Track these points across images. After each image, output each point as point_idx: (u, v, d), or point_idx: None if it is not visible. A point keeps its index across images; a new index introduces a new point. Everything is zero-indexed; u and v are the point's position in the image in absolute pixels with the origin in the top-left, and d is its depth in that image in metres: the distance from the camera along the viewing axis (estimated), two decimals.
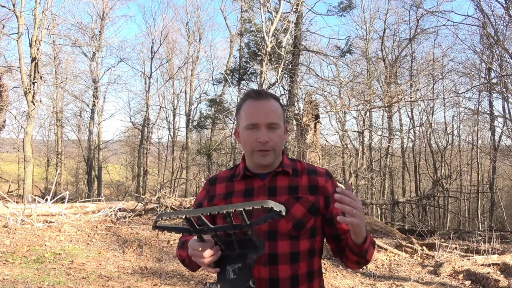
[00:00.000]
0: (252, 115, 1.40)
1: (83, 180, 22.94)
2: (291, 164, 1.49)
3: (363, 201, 12.37)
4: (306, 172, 1.48)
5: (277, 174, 1.45)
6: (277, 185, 1.43)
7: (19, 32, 13.15)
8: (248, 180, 1.46)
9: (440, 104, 18.08)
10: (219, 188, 1.50)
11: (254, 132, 1.40)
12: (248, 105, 1.43)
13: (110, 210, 9.75)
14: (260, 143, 1.39)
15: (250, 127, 1.41)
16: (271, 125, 1.40)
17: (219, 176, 1.55)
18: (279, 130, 1.42)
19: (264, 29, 11.90)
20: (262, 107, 1.41)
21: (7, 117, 14.75)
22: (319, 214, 1.41)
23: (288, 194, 1.41)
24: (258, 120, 1.39)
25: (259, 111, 1.40)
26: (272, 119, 1.40)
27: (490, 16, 11.56)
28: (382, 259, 6.92)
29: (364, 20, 19.17)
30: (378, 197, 16.95)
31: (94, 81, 20.40)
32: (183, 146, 22.84)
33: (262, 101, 1.42)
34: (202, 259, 1.24)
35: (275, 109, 1.43)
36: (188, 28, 23.75)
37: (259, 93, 1.44)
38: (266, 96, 1.44)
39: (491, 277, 5.60)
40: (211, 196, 1.51)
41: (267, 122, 1.39)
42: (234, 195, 1.45)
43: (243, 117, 1.44)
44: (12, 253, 6.24)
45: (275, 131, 1.40)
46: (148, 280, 5.44)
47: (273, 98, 1.45)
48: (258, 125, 1.40)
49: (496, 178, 16.88)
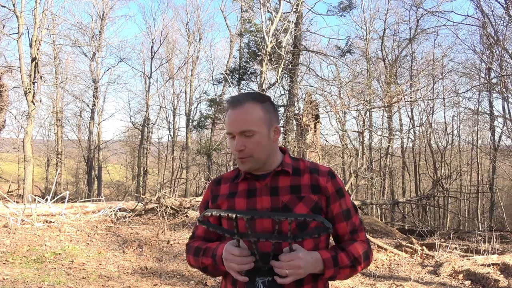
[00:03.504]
0: (228, 124, 1.43)
1: (83, 180, 22.95)
2: (292, 163, 1.49)
3: (363, 201, 12.37)
4: (309, 170, 1.47)
5: (278, 174, 1.45)
6: (279, 184, 1.43)
7: (19, 32, 13.16)
8: (250, 180, 1.47)
9: (440, 104, 18.11)
10: (223, 189, 1.51)
11: (232, 140, 1.44)
12: (227, 114, 1.45)
13: (110, 210, 9.76)
14: (236, 151, 1.42)
15: (229, 136, 1.45)
16: (244, 133, 1.40)
17: (223, 177, 1.56)
18: (256, 136, 1.40)
19: (264, 29, 11.90)
20: (234, 115, 1.41)
21: (7, 117, 14.79)
22: (322, 213, 1.41)
23: (290, 194, 1.41)
24: (232, 129, 1.41)
25: (232, 120, 1.41)
26: (243, 127, 1.39)
27: (490, 16, 11.57)
28: (382, 259, 6.92)
29: (364, 20, 19.21)
30: (378, 197, 16.94)
31: (94, 81, 20.41)
32: (183, 146, 22.84)
33: (236, 109, 1.41)
34: (235, 264, 1.27)
35: (249, 116, 1.40)
36: (188, 28, 23.78)
37: (235, 100, 1.43)
38: (240, 103, 1.41)
39: (491, 277, 5.60)
40: (215, 196, 1.52)
41: (239, 131, 1.40)
42: (237, 195, 1.46)
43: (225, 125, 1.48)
44: (12, 253, 6.24)
45: (250, 138, 1.40)
46: (148, 280, 5.44)
47: (250, 102, 1.42)
48: (232, 134, 1.43)
49: (496, 178, 16.88)
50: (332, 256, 1.35)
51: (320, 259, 1.32)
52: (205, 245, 1.47)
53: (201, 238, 1.54)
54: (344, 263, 1.36)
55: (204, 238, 1.53)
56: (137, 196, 13.88)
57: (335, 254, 1.37)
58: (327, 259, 1.34)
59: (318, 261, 1.32)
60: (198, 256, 1.46)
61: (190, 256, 1.51)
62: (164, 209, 9.09)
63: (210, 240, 1.51)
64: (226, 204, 1.46)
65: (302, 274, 1.28)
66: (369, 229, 9.94)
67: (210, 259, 1.41)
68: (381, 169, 16.40)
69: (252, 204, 1.42)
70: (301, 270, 1.26)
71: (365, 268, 1.44)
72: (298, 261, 1.26)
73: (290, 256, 1.26)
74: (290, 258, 1.26)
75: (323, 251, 1.37)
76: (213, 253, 1.40)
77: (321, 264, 1.32)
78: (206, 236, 1.53)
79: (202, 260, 1.45)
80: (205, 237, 1.53)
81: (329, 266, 1.34)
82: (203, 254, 1.44)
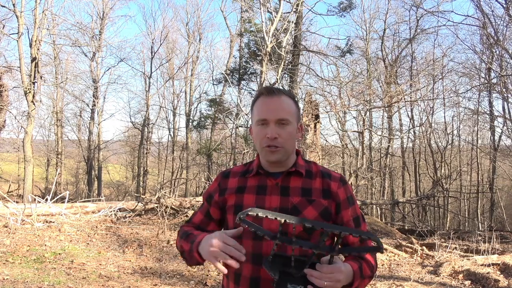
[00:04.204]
0: (262, 111, 1.41)
1: (83, 180, 22.95)
2: (305, 166, 1.48)
3: (363, 201, 12.37)
4: (321, 175, 1.46)
5: (290, 174, 1.44)
6: (290, 185, 1.42)
7: (19, 32, 13.16)
8: (261, 177, 1.45)
9: (440, 104, 18.11)
10: (232, 182, 1.49)
11: (263, 128, 1.41)
12: (259, 102, 1.44)
13: (110, 210, 9.76)
14: (268, 139, 1.38)
15: (260, 123, 1.42)
16: (281, 121, 1.39)
17: (232, 171, 1.54)
18: (290, 126, 1.41)
19: (264, 29, 11.90)
20: (272, 103, 1.41)
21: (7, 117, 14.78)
22: (330, 219, 1.40)
23: (301, 196, 1.40)
24: (267, 116, 1.40)
25: (269, 107, 1.40)
26: (281, 115, 1.40)
27: (490, 16, 11.58)
28: (382, 259, 6.93)
29: (364, 20, 19.22)
30: (378, 197, 16.94)
31: (94, 81, 20.41)
32: (183, 146, 22.84)
33: (273, 98, 1.42)
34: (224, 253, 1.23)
35: (286, 105, 1.42)
36: (188, 28, 23.78)
37: (271, 90, 1.44)
38: (278, 93, 1.43)
39: (491, 277, 5.60)
40: (222, 189, 1.50)
41: (277, 118, 1.39)
42: (246, 191, 1.44)
43: (254, 113, 1.45)
44: (12, 253, 6.24)
45: (285, 128, 1.40)
46: (148, 280, 5.44)
47: (286, 95, 1.44)
48: (267, 121, 1.40)
49: (496, 178, 16.88)
50: (359, 268, 1.34)
51: (351, 271, 1.30)
52: (192, 231, 1.47)
53: (195, 226, 1.53)
54: (366, 273, 1.36)
55: (198, 227, 1.52)
56: (137, 196, 13.88)
57: (360, 265, 1.35)
58: (356, 271, 1.32)
59: (350, 273, 1.29)
60: (181, 239, 1.47)
61: (177, 238, 1.52)
62: (164, 209, 9.10)
63: (203, 230, 1.49)
64: (234, 198, 1.45)
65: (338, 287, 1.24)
66: (369, 229, 9.92)
67: (188, 245, 1.40)
68: (381, 169, 16.40)
69: (260, 201, 1.40)
70: (339, 284, 1.22)
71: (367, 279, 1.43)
72: (339, 274, 1.21)
73: (332, 269, 1.21)
74: (332, 270, 1.20)
75: (352, 263, 1.34)
76: (192, 239, 1.39)
77: (351, 275, 1.30)
78: (201, 225, 1.52)
79: (181, 244, 1.45)
80: (200, 226, 1.52)
81: (357, 278, 1.32)
82: (185, 239, 1.44)
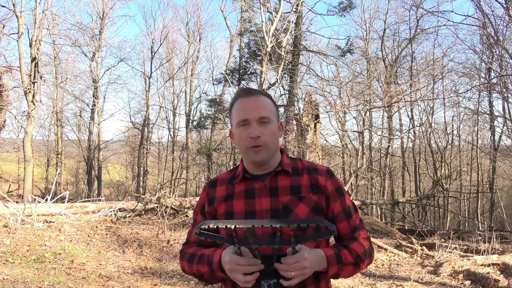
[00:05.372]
0: (243, 111, 1.39)
1: (83, 180, 22.95)
2: (291, 163, 1.47)
3: (363, 201, 12.38)
4: (307, 170, 1.45)
5: (277, 174, 1.43)
6: (278, 185, 1.41)
7: (19, 32, 13.16)
8: (248, 181, 1.43)
9: (440, 104, 18.09)
10: (219, 191, 1.47)
11: (245, 128, 1.39)
12: (238, 103, 1.42)
13: (110, 210, 9.76)
14: (252, 139, 1.37)
15: (241, 124, 1.40)
16: (262, 120, 1.38)
17: (219, 178, 1.52)
18: (271, 125, 1.40)
19: (264, 29, 11.91)
20: (251, 102, 1.40)
21: (7, 117, 14.79)
22: (322, 213, 1.39)
23: (290, 194, 1.39)
24: (248, 116, 1.38)
25: (249, 107, 1.39)
26: (262, 113, 1.38)
27: (490, 16, 11.57)
28: (382, 259, 6.92)
29: (364, 20, 19.19)
30: (378, 197, 16.93)
31: (94, 81, 20.41)
32: (183, 146, 22.84)
33: (251, 98, 1.41)
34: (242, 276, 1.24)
35: (265, 104, 1.41)
36: (188, 28, 23.77)
37: (248, 90, 1.44)
38: (255, 93, 1.43)
39: (491, 277, 5.60)
40: (210, 198, 1.47)
41: (258, 117, 1.38)
42: (235, 197, 1.42)
43: (234, 115, 1.43)
44: (12, 253, 6.24)
45: (266, 126, 1.38)
46: (148, 280, 5.44)
47: (263, 95, 1.44)
48: (248, 120, 1.38)
49: (496, 178, 16.87)
50: (335, 253, 1.34)
51: (324, 256, 1.31)
52: (200, 251, 1.43)
53: (196, 244, 1.50)
54: (347, 260, 1.35)
55: (199, 244, 1.48)
56: (137, 196, 13.88)
57: (338, 251, 1.35)
58: (331, 256, 1.32)
59: (322, 258, 1.30)
60: (192, 263, 1.42)
61: (184, 262, 1.47)
62: (164, 209, 9.09)
63: (205, 245, 1.45)
64: (224, 207, 1.42)
65: (308, 274, 1.26)
66: (369, 229, 9.93)
67: (206, 267, 1.36)
68: (381, 169, 16.39)
69: (250, 205, 1.39)
70: (307, 270, 1.25)
71: (368, 265, 1.42)
72: (304, 262, 1.24)
73: (296, 258, 1.23)
74: (296, 260, 1.23)
75: (326, 248, 1.35)
76: (209, 260, 1.36)
77: (324, 261, 1.31)
78: (201, 242, 1.48)
79: (197, 268, 1.40)
80: (200, 242, 1.48)
81: (333, 263, 1.32)
82: (198, 262, 1.40)
